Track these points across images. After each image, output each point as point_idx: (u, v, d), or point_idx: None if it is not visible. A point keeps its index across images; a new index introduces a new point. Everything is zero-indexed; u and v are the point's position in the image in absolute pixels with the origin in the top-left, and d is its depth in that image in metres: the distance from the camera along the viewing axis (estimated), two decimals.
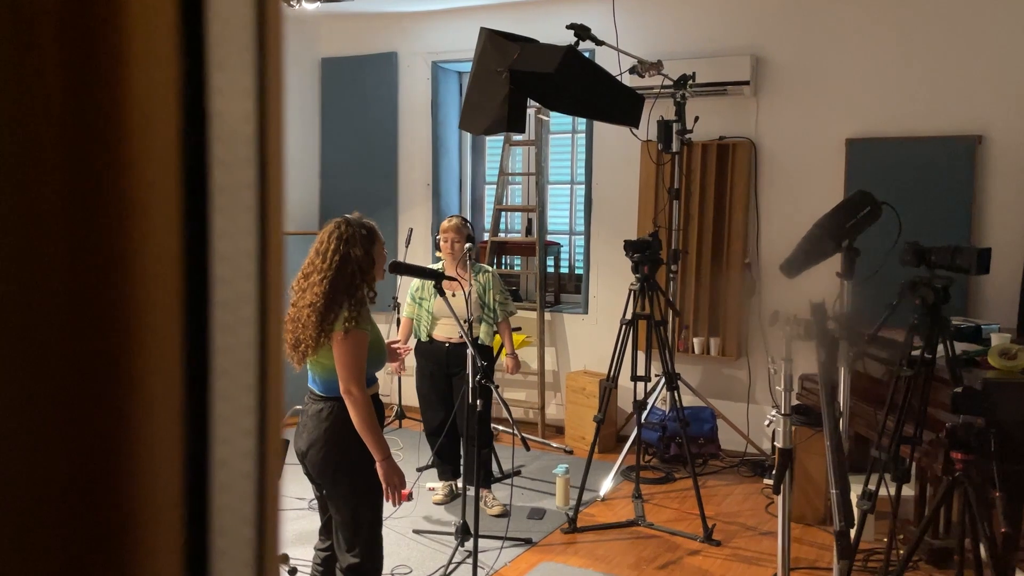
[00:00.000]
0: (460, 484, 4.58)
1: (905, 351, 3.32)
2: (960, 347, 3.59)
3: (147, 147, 0.36)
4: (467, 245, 4.36)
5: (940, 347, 3.23)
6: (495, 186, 6.36)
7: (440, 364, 4.47)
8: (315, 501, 2.98)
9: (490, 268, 4.63)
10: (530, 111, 5.22)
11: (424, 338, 4.49)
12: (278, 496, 0.45)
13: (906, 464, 3.43)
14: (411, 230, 6.32)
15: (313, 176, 6.92)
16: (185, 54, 0.38)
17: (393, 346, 3.20)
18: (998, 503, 3.13)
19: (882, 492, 3.36)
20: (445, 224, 4.44)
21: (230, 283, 0.41)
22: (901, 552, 3.72)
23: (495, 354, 5.01)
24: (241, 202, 0.42)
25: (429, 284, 4.28)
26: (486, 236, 6.37)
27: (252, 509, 0.42)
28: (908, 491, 3.96)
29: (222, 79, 0.40)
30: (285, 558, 3.33)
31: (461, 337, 4.34)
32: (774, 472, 2.70)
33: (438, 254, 4.51)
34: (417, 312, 4.50)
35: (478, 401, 3.47)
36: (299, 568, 3.56)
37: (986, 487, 3.02)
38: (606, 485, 4.87)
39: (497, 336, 4.71)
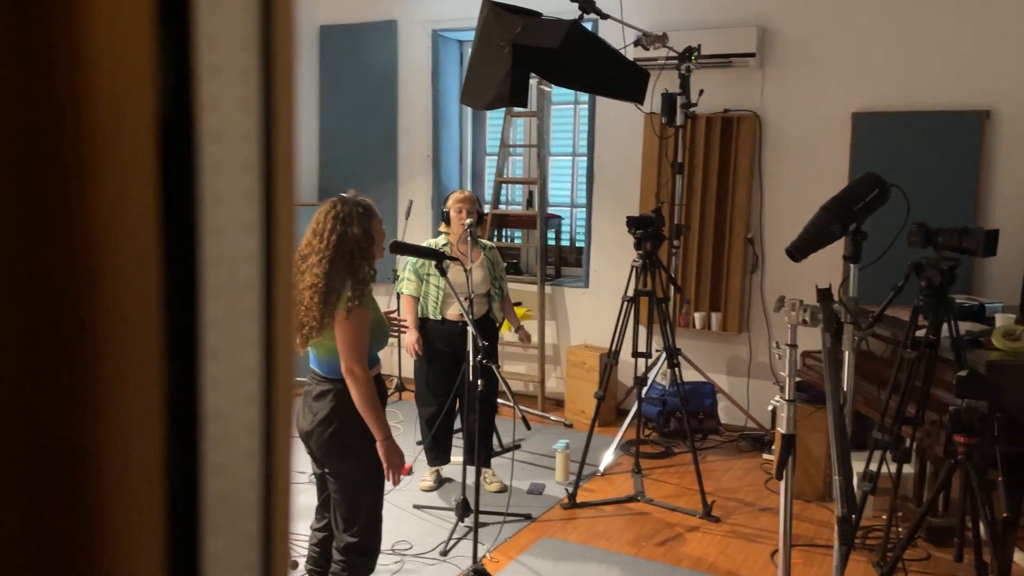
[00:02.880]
0: (453, 462, 4.55)
1: (909, 332, 3.30)
2: (964, 327, 3.57)
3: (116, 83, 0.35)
4: (467, 220, 4.23)
5: (944, 327, 3.21)
6: (496, 158, 6.29)
7: (454, 345, 4.17)
8: (314, 477, 2.98)
9: (492, 243, 4.57)
10: (532, 81, 5.13)
11: (435, 316, 4.25)
12: (289, 482, 0.44)
13: (907, 444, 3.43)
14: (411, 202, 6.26)
15: (312, 147, 6.85)
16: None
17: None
18: (999, 486, 3.14)
19: (882, 471, 3.36)
20: (459, 195, 4.26)
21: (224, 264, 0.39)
22: (900, 530, 3.74)
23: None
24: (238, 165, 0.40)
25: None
26: (487, 208, 6.31)
27: (257, 495, 0.42)
28: (908, 468, 3.97)
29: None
30: (294, 564, 3.31)
31: (476, 315, 4.24)
32: (776, 457, 2.69)
33: (442, 229, 4.32)
34: (424, 289, 4.26)
35: (479, 381, 3.45)
36: (294, 543, 3.57)
37: (987, 470, 3.01)
38: (606, 459, 4.88)
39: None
